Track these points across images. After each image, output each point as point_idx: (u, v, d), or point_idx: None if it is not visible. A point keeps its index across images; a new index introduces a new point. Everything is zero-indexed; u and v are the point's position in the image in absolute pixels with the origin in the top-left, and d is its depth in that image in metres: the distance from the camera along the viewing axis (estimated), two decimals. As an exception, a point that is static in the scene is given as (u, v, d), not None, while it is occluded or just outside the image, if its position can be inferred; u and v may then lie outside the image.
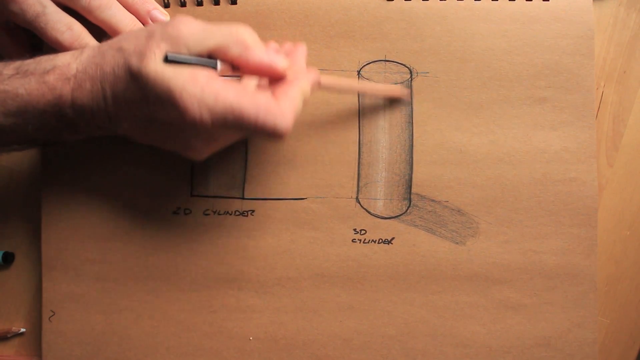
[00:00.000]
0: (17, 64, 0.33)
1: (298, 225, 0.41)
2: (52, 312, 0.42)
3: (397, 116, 0.41)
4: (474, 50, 0.41)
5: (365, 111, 0.41)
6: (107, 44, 0.33)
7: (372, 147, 0.41)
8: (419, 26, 0.41)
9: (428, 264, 0.41)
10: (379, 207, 0.41)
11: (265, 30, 0.41)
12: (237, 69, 0.32)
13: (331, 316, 0.41)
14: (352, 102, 0.41)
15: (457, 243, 0.41)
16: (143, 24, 0.40)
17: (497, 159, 0.41)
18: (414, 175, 0.41)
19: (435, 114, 0.41)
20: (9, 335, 0.43)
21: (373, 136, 0.41)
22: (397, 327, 0.41)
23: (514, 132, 0.41)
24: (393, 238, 0.41)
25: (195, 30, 0.31)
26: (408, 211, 0.41)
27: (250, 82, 0.33)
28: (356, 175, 0.41)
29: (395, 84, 0.41)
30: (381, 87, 0.41)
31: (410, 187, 0.41)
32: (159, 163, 0.41)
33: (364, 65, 0.41)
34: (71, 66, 0.32)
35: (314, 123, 0.41)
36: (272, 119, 0.31)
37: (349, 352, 0.41)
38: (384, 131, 0.41)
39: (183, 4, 0.41)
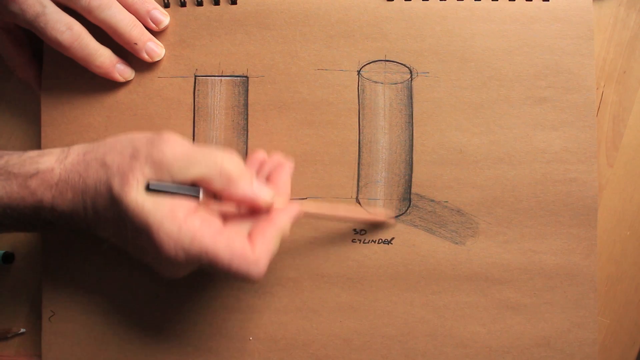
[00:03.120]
0: (2, 162, 0.32)
1: (298, 225, 0.41)
2: (52, 312, 0.42)
3: (397, 116, 0.41)
4: (474, 50, 0.41)
5: (365, 111, 0.41)
6: (92, 154, 0.32)
7: (372, 147, 0.41)
8: (419, 26, 0.41)
9: (428, 264, 0.41)
10: (379, 207, 0.41)
11: (265, 30, 0.41)
12: (219, 198, 0.32)
13: (331, 316, 0.41)
14: (352, 102, 0.41)
15: (456, 243, 0.41)
16: (143, 24, 0.40)
17: (497, 159, 0.41)
18: (413, 176, 0.41)
19: (435, 114, 0.41)
20: (9, 335, 0.43)
21: (373, 136, 0.41)
22: (397, 327, 0.41)
23: (514, 132, 0.41)
24: (393, 238, 0.41)
25: (179, 155, 0.31)
26: (408, 211, 0.41)
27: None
28: (356, 175, 0.41)
29: (395, 84, 0.41)
30: (366, 214, 0.40)
31: (410, 187, 0.41)
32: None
33: (364, 65, 0.41)
34: (54, 172, 0.32)
35: (314, 123, 0.41)
36: (245, 267, 0.31)
37: (349, 352, 0.41)
38: (384, 131, 0.41)
39: (183, 4, 0.41)
